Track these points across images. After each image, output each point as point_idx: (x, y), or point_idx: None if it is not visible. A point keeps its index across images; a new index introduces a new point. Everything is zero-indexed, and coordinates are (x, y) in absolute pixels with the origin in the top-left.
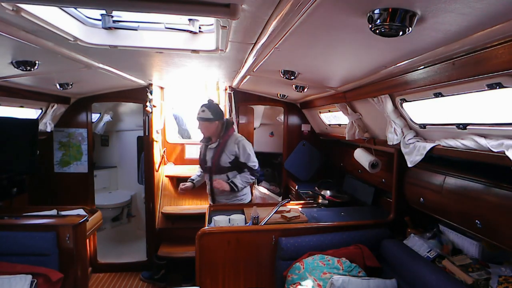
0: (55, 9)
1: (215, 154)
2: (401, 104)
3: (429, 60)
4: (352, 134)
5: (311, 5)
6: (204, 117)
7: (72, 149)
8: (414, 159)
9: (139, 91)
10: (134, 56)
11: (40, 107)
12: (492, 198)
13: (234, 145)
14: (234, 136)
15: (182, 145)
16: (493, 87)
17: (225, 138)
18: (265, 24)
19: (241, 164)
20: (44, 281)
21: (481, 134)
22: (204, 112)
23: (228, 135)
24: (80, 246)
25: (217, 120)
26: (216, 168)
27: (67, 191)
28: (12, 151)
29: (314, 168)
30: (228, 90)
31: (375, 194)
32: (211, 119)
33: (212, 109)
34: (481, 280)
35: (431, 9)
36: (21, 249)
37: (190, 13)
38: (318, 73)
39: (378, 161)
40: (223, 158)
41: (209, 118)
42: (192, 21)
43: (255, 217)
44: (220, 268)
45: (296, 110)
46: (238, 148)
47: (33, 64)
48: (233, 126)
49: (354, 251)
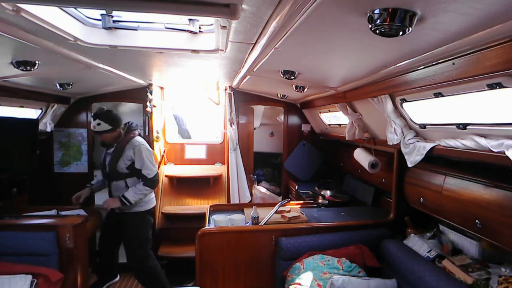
0: (55, 9)
1: (112, 159)
2: (401, 104)
3: (429, 60)
4: (352, 134)
5: (311, 5)
6: (100, 130)
7: (72, 149)
8: (414, 159)
9: (139, 91)
10: (134, 56)
11: (40, 107)
12: (492, 198)
13: (130, 150)
14: (134, 140)
15: (182, 145)
16: (493, 87)
17: (122, 143)
18: (265, 24)
19: (138, 171)
20: (44, 281)
21: (481, 134)
22: (100, 126)
23: (125, 140)
24: (80, 246)
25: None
26: (114, 174)
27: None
28: (12, 151)
29: (314, 168)
30: (228, 90)
31: (375, 194)
32: (109, 130)
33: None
34: (481, 280)
35: (431, 9)
36: (21, 249)
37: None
38: (318, 73)
39: (378, 161)
40: (119, 164)
41: (107, 130)
42: (192, 21)
43: (255, 217)
44: (220, 268)
45: (296, 110)
46: (134, 153)
47: (33, 64)
48: (136, 131)
49: (354, 251)
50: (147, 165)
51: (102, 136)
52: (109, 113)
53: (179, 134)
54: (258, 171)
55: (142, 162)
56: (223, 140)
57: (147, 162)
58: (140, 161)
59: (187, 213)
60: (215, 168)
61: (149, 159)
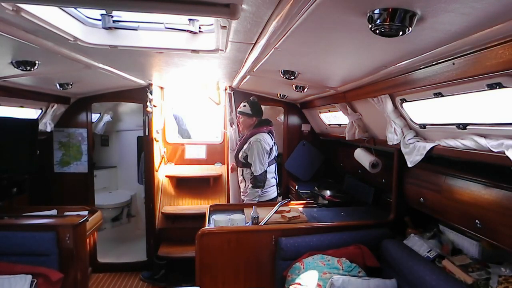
0: (55, 9)
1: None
2: (401, 104)
3: (429, 60)
4: (352, 134)
5: (311, 5)
6: (242, 111)
7: (72, 149)
8: (414, 159)
9: (139, 91)
10: (134, 56)
11: (40, 107)
12: (492, 198)
13: (248, 144)
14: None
15: (182, 145)
16: (493, 87)
17: (248, 134)
18: (265, 24)
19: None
20: (44, 281)
21: (481, 134)
22: (245, 107)
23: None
24: (80, 246)
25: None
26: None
27: (67, 191)
28: (12, 151)
29: (314, 168)
30: (228, 90)
31: (375, 194)
32: (248, 115)
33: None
34: (481, 280)
35: (431, 9)
36: (21, 249)
37: (190, 13)
38: (318, 73)
39: (378, 161)
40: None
41: (246, 113)
42: (192, 21)
43: (255, 217)
44: (220, 268)
45: (296, 110)
46: (249, 147)
47: (33, 64)
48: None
49: (354, 251)
50: (255, 161)
51: (240, 118)
52: (256, 103)
53: (179, 134)
54: None
55: (253, 158)
56: (223, 140)
57: (257, 159)
58: (252, 156)
59: (187, 213)
60: (215, 168)
61: (259, 157)
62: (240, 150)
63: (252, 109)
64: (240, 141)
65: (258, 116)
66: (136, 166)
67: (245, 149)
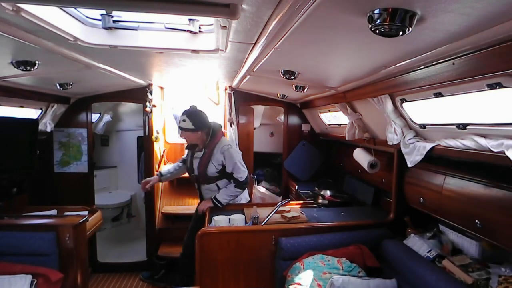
0: (55, 9)
1: (201, 164)
2: (401, 104)
3: (429, 60)
4: (352, 134)
5: (311, 5)
6: (185, 127)
7: (72, 149)
8: (414, 159)
9: (139, 91)
10: (134, 56)
11: (40, 107)
12: (492, 198)
13: (220, 155)
14: (221, 143)
15: (182, 145)
16: (493, 87)
17: (210, 146)
18: (265, 24)
19: (229, 174)
20: (44, 281)
21: (481, 134)
22: (185, 122)
23: (214, 143)
24: (80, 246)
25: (200, 130)
26: (204, 179)
27: (67, 191)
28: (12, 151)
29: (314, 168)
30: (228, 90)
31: (375, 194)
32: (192, 130)
33: (193, 118)
34: (481, 280)
35: (431, 9)
36: (21, 249)
37: (190, 13)
38: (318, 73)
39: (377, 161)
40: (209, 168)
41: (191, 129)
42: (192, 21)
43: (255, 217)
44: (220, 268)
45: (296, 110)
46: (224, 157)
47: (33, 64)
48: (220, 131)
49: (354, 251)
50: (238, 168)
51: (184, 134)
52: (196, 113)
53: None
54: (258, 171)
55: (234, 166)
56: None
57: (239, 165)
58: (232, 165)
59: (187, 213)
60: None
61: (240, 162)
62: (206, 165)
63: (194, 123)
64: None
65: (203, 129)
66: (136, 166)
67: (216, 161)
